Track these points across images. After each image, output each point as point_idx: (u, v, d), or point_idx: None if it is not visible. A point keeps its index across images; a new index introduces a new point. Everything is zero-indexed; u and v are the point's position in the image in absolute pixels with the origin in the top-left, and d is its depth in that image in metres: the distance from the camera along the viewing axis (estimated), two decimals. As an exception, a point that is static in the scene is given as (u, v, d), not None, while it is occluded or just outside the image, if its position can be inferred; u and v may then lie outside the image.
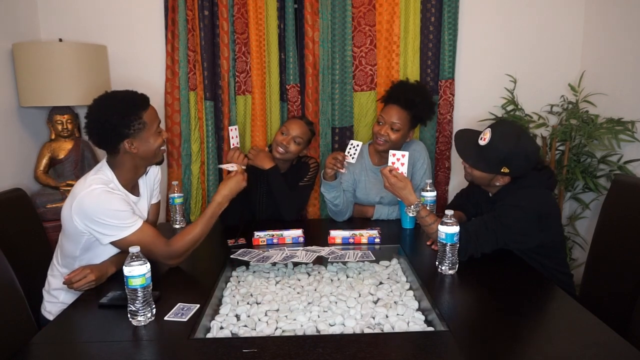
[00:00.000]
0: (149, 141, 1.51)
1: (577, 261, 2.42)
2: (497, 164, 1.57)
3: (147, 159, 1.56)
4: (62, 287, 1.52)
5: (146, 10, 2.40)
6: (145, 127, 1.49)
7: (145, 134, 1.49)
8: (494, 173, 1.61)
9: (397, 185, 1.63)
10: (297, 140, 2.06)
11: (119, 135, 1.46)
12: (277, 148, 2.07)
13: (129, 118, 1.45)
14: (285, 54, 2.35)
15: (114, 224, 1.42)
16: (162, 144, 1.57)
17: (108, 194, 1.43)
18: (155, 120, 1.54)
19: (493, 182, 1.65)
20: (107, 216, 1.41)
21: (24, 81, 2.11)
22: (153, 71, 2.45)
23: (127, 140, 1.47)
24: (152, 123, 1.51)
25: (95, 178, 1.47)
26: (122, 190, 1.53)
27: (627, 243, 1.59)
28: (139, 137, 1.48)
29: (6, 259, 1.43)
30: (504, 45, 2.46)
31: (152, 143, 1.52)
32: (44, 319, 1.58)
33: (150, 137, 1.51)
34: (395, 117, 1.98)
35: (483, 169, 1.62)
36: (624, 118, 2.10)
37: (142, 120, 1.47)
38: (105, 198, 1.42)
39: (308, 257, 1.59)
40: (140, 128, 1.48)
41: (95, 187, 1.42)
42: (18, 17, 2.25)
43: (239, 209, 2.10)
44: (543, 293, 1.36)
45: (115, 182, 1.52)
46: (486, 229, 1.54)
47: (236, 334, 1.24)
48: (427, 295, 1.35)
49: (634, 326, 1.39)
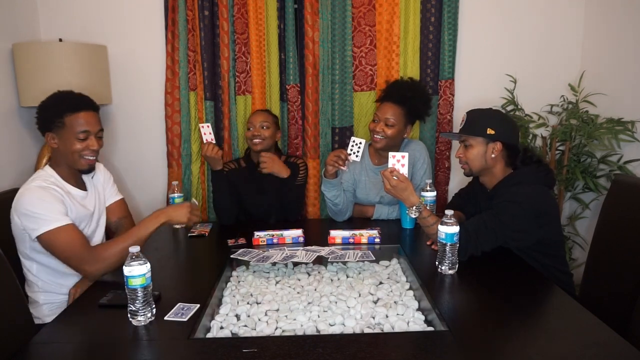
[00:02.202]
0: (67, 142, 1.57)
1: (577, 261, 2.42)
2: (481, 126, 1.64)
3: (68, 160, 1.60)
4: (39, 289, 1.54)
5: (146, 10, 2.40)
6: (64, 128, 1.56)
7: (65, 134, 1.56)
8: (481, 136, 1.64)
9: (399, 187, 1.62)
10: (264, 125, 2.11)
11: (43, 126, 1.58)
12: (252, 143, 2.12)
13: (52, 113, 1.56)
14: (285, 54, 2.35)
15: (38, 216, 1.45)
16: (81, 151, 1.58)
17: (40, 188, 1.50)
18: (79, 126, 1.56)
19: (488, 157, 1.66)
20: (34, 206, 1.45)
21: (24, 81, 2.11)
22: (153, 71, 2.45)
23: (49, 133, 1.57)
24: (73, 127, 1.56)
25: (35, 177, 1.57)
26: (63, 184, 1.59)
27: (627, 243, 1.59)
28: (60, 134, 1.57)
29: (6, 259, 1.43)
30: (504, 45, 2.46)
31: (68, 145, 1.57)
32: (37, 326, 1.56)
33: (69, 139, 1.56)
34: (389, 113, 1.99)
35: (469, 132, 1.67)
36: (624, 118, 2.10)
37: (62, 121, 1.55)
38: (35, 191, 1.49)
39: (308, 257, 1.59)
40: (60, 127, 1.56)
41: (31, 184, 1.52)
42: (18, 17, 2.25)
43: (235, 209, 2.12)
44: (543, 293, 1.36)
45: (56, 176, 1.59)
46: (485, 228, 1.54)
47: (236, 334, 1.24)
48: (427, 295, 1.35)
49: (634, 326, 1.39)
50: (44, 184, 1.52)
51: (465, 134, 1.69)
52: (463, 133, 1.70)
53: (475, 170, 1.71)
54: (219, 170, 2.08)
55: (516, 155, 1.67)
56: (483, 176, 1.74)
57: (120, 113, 2.50)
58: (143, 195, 2.58)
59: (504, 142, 1.65)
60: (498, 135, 1.64)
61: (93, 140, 1.60)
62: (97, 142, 1.61)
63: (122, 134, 2.53)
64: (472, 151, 1.68)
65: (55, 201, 1.49)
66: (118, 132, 2.53)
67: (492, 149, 1.65)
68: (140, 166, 2.56)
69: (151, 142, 2.53)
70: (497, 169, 1.69)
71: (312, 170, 2.39)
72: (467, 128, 1.69)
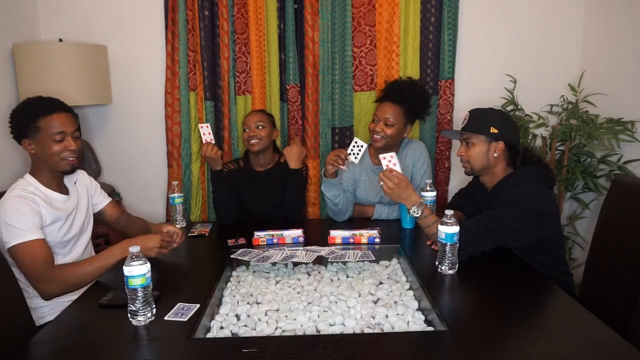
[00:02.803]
0: (44, 146, 1.56)
1: (577, 261, 2.42)
2: (485, 125, 1.64)
3: (49, 163, 1.58)
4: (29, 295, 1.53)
5: (146, 10, 2.40)
6: (39, 132, 1.55)
7: (41, 138, 1.55)
8: (484, 134, 1.64)
9: (401, 185, 1.61)
10: (259, 125, 2.10)
11: (18, 133, 1.57)
12: (250, 144, 2.11)
13: (24, 120, 1.55)
14: (285, 54, 2.35)
15: (12, 229, 1.43)
16: (60, 152, 1.57)
17: (18, 198, 1.49)
18: (53, 128, 1.55)
19: (490, 156, 1.66)
20: (9, 218, 1.44)
21: (24, 81, 2.11)
22: (153, 71, 2.45)
23: (25, 139, 1.56)
24: (48, 130, 1.55)
25: (16, 185, 1.56)
26: (44, 191, 1.58)
27: (627, 243, 1.59)
28: (36, 139, 1.56)
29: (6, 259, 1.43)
30: (504, 45, 2.46)
31: (46, 148, 1.56)
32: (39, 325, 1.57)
33: (47, 142, 1.56)
34: (389, 113, 1.99)
35: (472, 130, 1.66)
36: (624, 118, 2.10)
37: (36, 125, 1.54)
38: (13, 201, 1.48)
39: (308, 257, 1.59)
40: (34, 131, 1.55)
41: (10, 194, 1.51)
42: (18, 17, 2.25)
43: (235, 209, 2.12)
44: (543, 293, 1.36)
45: (36, 184, 1.58)
46: (485, 228, 1.54)
47: (236, 333, 1.24)
48: (427, 295, 1.35)
49: (634, 326, 1.39)
50: (23, 193, 1.50)
51: (468, 131, 1.68)
52: (466, 131, 1.69)
53: (477, 169, 1.71)
54: (218, 170, 2.09)
55: (517, 155, 1.67)
56: (484, 175, 1.74)
57: (120, 113, 2.50)
58: (143, 195, 2.58)
59: (506, 141, 1.65)
60: (501, 134, 1.63)
61: (70, 141, 1.58)
62: (74, 142, 1.59)
63: (122, 134, 2.53)
64: (474, 149, 1.67)
65: (31, 213, 1.47)
66: (118, 132, 2.52)
67: (494, 147, 1.65)
68: (140, 166, 2.56)
69: (151, 142, 2.53)
70: (498, 168, 1.69)
71: (312, 170, 2.39)
72: (470, 126, 1.68)
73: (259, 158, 2.17)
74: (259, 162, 2.19)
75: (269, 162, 2.20)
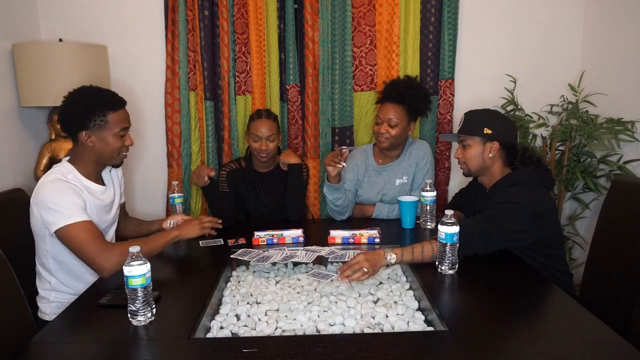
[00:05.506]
0: (107, 140, 1.56)
1: (577, 261, 2.42)
2: (479, 126, 1.66)
3: (102, 157, 1.59)
4: (51, 287, 1.54)
5: (146, 10, 2.40)
6: (106, 126, 1.55)
7: (104, 133, 1.55)
8: (478, 135, 1.65)
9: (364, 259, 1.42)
10: (271, 139, 2.10)
11: (78, 125, 1.53)
12: (259, 155, 2.12)
13: (92, 111, 1.52)
14: (285, 54, 2.35)
15: (57, 209, 1.44)
16: (121, 148, 1.60)
17: (59, 181, 1.49)
18: (120, 124, 1.57)
19: (486, 157, 1.66)
20: (52, 201, 1.44)
21: (24, 81, 2.11)
22: (153, 71, 2.45)
23: (85, 131, 1.54)
24: (115, 125, 1.56)
25: (53, 170, 1.54)
26: (83, 181, 1.57)
27: (627, 243, 1.59)
28: (98, 133, 1.55)
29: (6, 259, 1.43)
30: (504, 45, 2.46)
31: (109, 143, 1.57)
32: (41, 321, 1.60)
33: (110, 137, 1.56)
34: (391, 113, 2.00)
35: (467, 132, 1.68)
36: (624, 118, 2.10)
37: (105, 119, 1.54)
38: (55, 184, 1.48)
39: (308, 257, 1.59)
40: (101, 125, 1.54)
41: (50, 178, 1.50)
42: (18, 17, 2.25)
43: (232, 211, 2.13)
44: (543, 293, 1.36)
45: (75, 173, 1.57)
46: (479, 229, 1.54)
47: (236, 333, 1.24)
48: (427, 295, 1.35)
49: (634, 326, 1.39)
50: (63, 178, 1.51)
51: (462, 134, 1.70)
52: (461, 133, 1.71)
53: (474, 170, 1.72)
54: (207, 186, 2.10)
55: (515, 155, 1.68)
56: (482, 176, 1.74)
57: (120, 113, 2.50)
58: (143, 195, 2.58)
59: (501, 141, 1.66)
60: (495, 134, 1.64)
61: (129, 137, 1.63)
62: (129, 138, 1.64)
63: (122, 134, 2.53)
64: (470, 151, 1.69)
65: (74, 195, 1.48)
66: (118, 132, 2.53)
67: (489, 148, 1.66)
68: (140, 166, 2.56)
69: (151, 142, 2.53)
70: (495, 168, 1.69)
71: (312, 170, 2.39)
72: (464, 128, 1.70)
73: (263, 161, 2.18)
74: (261, 164, 2.19)
75: (270, 164, 2.21)
